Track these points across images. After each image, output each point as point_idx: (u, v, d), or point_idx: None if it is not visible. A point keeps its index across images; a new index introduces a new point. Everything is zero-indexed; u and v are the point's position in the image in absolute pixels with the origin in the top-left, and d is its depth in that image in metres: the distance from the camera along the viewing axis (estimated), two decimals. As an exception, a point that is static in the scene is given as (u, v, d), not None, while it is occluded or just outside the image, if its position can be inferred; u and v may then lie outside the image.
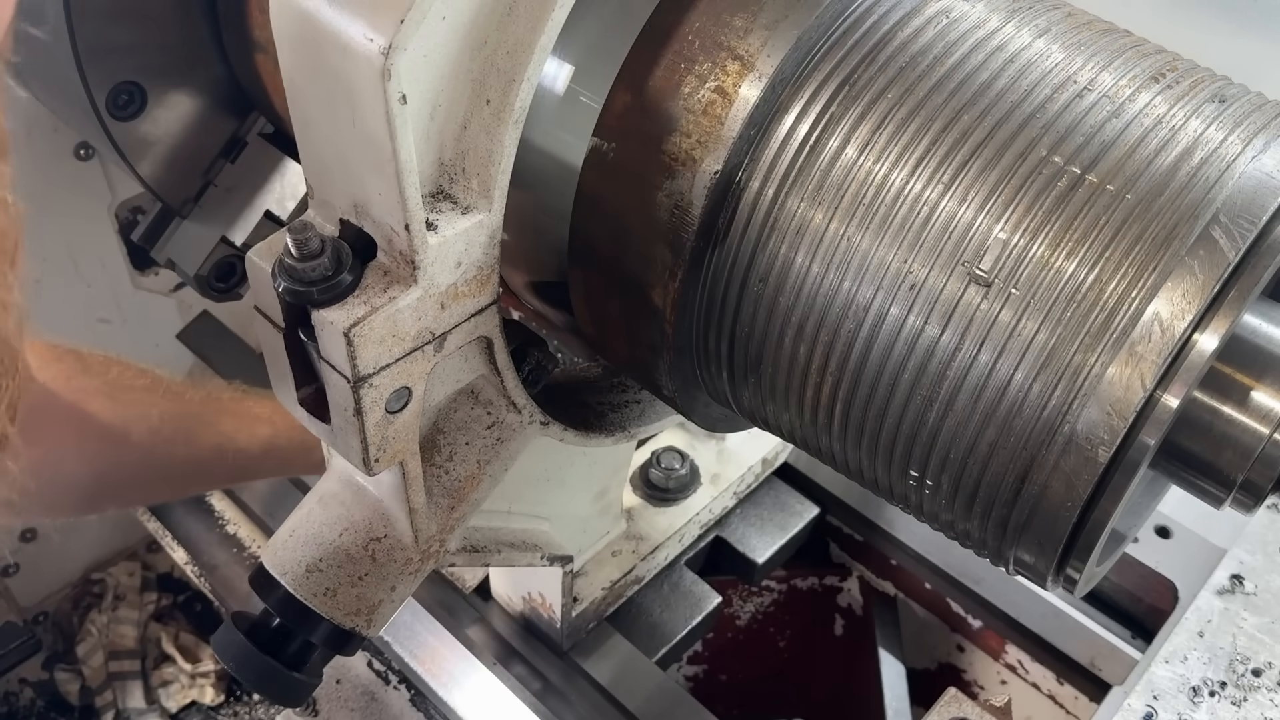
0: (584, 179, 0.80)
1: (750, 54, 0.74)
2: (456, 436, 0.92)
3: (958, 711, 1.03)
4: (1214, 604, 1.16)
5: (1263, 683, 1.10)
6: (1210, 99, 0.72)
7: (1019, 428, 0.69)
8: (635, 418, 1.07)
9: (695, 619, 1.39)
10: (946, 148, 0.71)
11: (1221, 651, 1.12)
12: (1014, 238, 0.69)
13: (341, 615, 0.93)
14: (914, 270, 0.71)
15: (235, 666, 0.93)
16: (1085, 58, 0.74)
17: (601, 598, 1.33)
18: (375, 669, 1.36)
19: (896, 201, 0.72)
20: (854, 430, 0.78)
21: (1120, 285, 0.66)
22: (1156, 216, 0.67)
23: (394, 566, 0.94)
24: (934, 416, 0.72)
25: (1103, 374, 0.66)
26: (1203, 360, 0.65)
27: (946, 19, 0.76)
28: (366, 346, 0.74)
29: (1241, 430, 0.72)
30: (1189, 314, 0.64)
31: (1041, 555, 0.73)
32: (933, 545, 1.48)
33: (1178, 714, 1.08)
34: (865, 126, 0.73)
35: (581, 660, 1.33)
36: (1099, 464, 0.67)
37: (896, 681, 1.45)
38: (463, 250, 0.77)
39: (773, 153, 0.75)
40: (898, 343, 0.72)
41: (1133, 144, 0.69)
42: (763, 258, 0.76)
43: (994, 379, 0.69)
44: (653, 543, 1.37)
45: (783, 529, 1.49)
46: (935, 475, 0.75)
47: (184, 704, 2.04)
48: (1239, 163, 0.68)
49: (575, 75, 0.80)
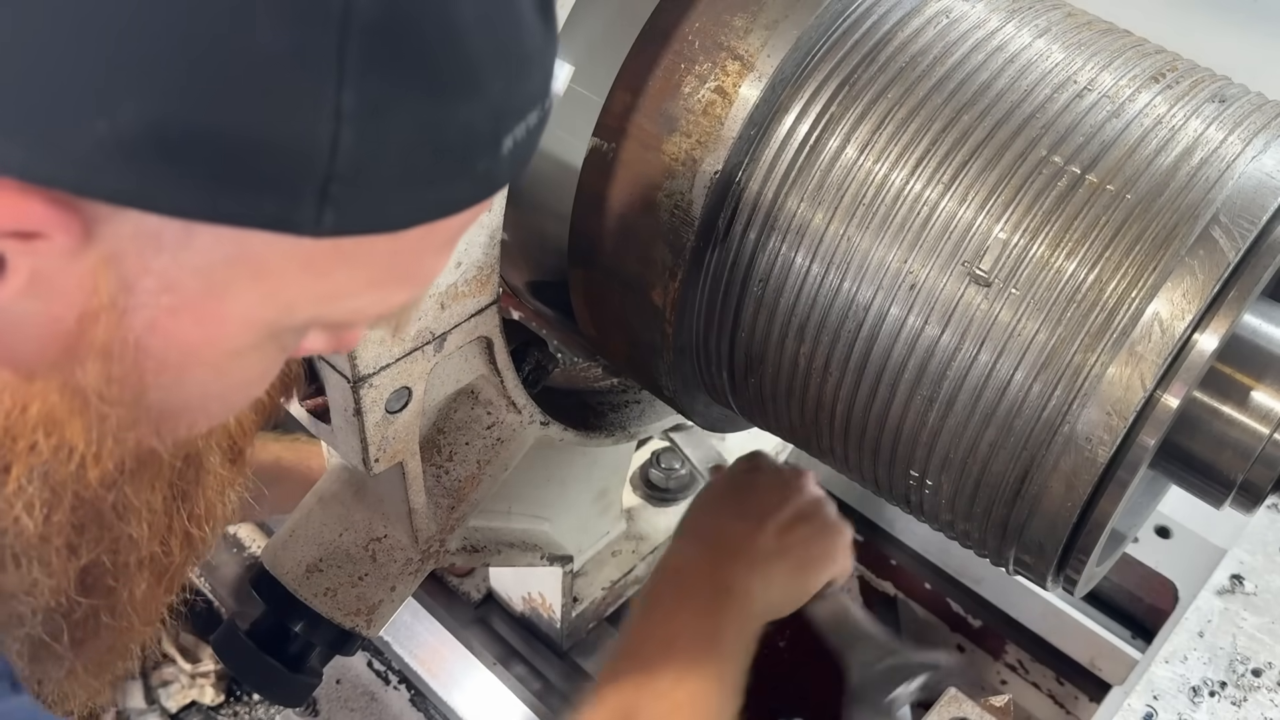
0: (584, 179, 0.80)
1: (750, 54, 0.74)
2: (456, 436, 0.92)
3: (958, 711, 1.03)
4: (1214, 604, 1.16)
5: (1263, 683, 1.10)
6: (1210, 99, 0.72)
7: (1019, 428, 0.69)
8: (635, 418, 1.07)
9: (695, 619, 1.39)
10: (946, 148, 0.71)
11: (1221, 651, 1.12)
12: (1014, 238, 0.69)
13: (342, 615, 0.93)
14: (914, 270, 0.71)
15: (236, 667, 0.93)
16: (1085, 58, 0.74)
17: (601, 598, 1.33)
18: (375, 669, 1.35)
19: (896, 201, 0.72)
20: (854, 430, 0.78)
21: (1120, 285, 0.66)
22: (1156, 216, 0.67)
23: (394, 566, 0.94)
24: (934, 416, 0.72)
25: (1103, 374, 0.66)
26: (1203, 360, 0.65)
27: (946, 19, 0.76)
28: (366, 346, 0.74)
29: (1241, 430, 0.72)
30: (1189, 314, 0.64)
31: (1041, 555, 0.73)
32: (933, 545, 1.48)
33: (1178, 714, 1.07)
34: (865, 126, 0.73)
35: (581, 660, 1.33)
36: (1099, 464, 0.67)
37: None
38: (463, 250, 0.77)
39: (773, 153, 0.75)
40: (898, 343, 0.72)
41: (1133, 144, 0.69)
42: (763, 258, 0.76)
43: (994, 379, 0.69)
44: (653, 543, 1.37)
45: (783, 529, 1.49)
46: (935, 475, 0.75)
47: (184, 704, 2.04)
48: (1239, 163, 0.68)
49: (575, 75, 0.80)
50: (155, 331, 0.46)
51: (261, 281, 0.46)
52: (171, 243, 0.43)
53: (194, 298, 0.46)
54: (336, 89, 0.40)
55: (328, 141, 0.41)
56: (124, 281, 0.44)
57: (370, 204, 0.44)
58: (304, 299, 0.48)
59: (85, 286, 0.44)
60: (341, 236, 0.44)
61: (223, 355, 0.49)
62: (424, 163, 0.44)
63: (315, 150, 0.41)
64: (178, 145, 0.39)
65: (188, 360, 0.49)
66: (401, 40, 0.41)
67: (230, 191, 0.41)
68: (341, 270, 0.47)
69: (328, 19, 0.39)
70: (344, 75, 0.40)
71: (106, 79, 0.38)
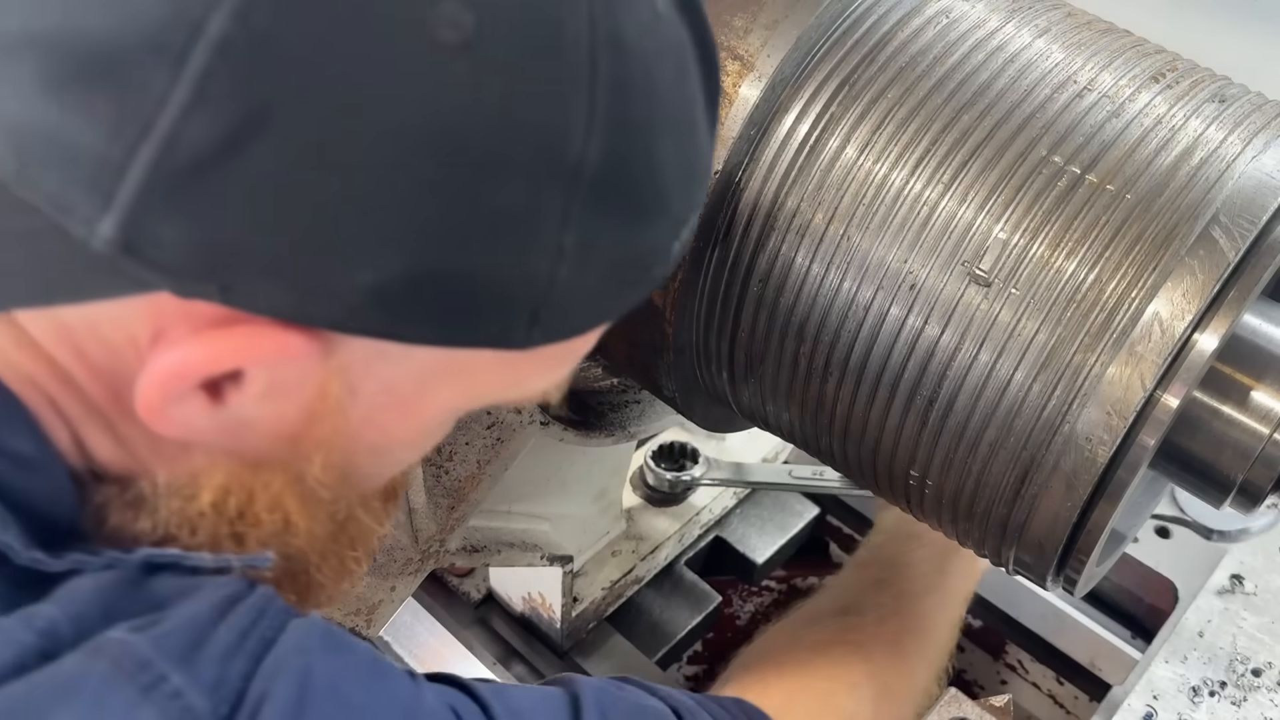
0: (584, 179, 0.80)
1: (750, 54, 0.74)
2: (456, 436, 0.92)
3: (958, 711, 1.03)
4: (1214, 604, 1.16)
5: (1263, 683, 1.10)
6: (1210, 99, 0.72)
7: (1019, 428, 0.69)
8: (635, 418, 1.07)
9: (695, 619, 1.39)
10: (946, 148, 0.71)
11: (1221, 651, 1.12)
12: (1014, 238, 0.69)
13: (342, 615, 0.93)
14: (914, 270, 0.71)
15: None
16: (1085, 58, 0.74)
17: (601, 598, 1.33)
18: (375, 669, 1.35)
19: (896, 201, 0.72)
20: (854, 430, 0.78)
21: (1120, 285, 0.66)
22: (1156, 216, 0.67)
23: (394, 566, 0.94)
24: (934, 416, 0.72)
25: (1103, 374, 0.66)
26: (1203, 360, 0.65)
27: (946, 19, 0.76)
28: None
29: (1241, 430, 0.72)
30: (1189, 314, 0.64)
31: (1041, 555, 0.73)
32: (933, 545, 1.48)
33: (1178, 714, 1.08)
34: (865, 126, 0.73)
35: (581, 660, 1.33)
36: (1099, 464, 0.67)
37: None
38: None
39: (772, 152, 0.75)
40: (898, 343, 0.72)
41: (1133, 144, 0.69)
42: (762, 258, 0.76)
43: (994, 379, 0.69)
44: (653, 543, 1.37)
45: (783, 529, 1.49)
46: (935, 475, 0.75)
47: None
48: (1239, 163, 0.68)
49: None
50: (368, 423, 0.53)
51: (463, 380, 0.53)
52: (395, 356, 0.49)
53: (406, 397, 0.52)
54: (560, 232, 0.46)
55: (546, 276, 0.47)
56: (350, 387, 0.50)
57: (569, 319, 0.50)
58: (494, 390, 0.56)
59: (316, 393, 0.49)
60: (542, 347, 0.50)
61: (417, 435, 0.57)
62: (617, 278, 0.50)
63: (535, 284, 0.47)
64: (425, 288, 0.45)
65: (389, 442, 0.56)
66: (617, 185, 0.47)
67: (460, 322, 0.47)
68: (529, 366, 0.54)
69: (562, 174, 0.45)
70: (568, 220, 0.46)
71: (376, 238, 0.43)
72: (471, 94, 0.43)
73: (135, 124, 0.41)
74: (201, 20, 0.40)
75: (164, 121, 0.40)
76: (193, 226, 0.42)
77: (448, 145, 0.43)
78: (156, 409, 0.47)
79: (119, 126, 0.41)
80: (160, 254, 0.42)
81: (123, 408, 0.50)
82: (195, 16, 0.40)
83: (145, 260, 0.42)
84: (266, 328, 0.45)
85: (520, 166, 0.44)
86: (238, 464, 0.53)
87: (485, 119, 0.43)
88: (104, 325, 0.48)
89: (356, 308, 0.44)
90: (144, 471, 0.54)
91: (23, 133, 0.42)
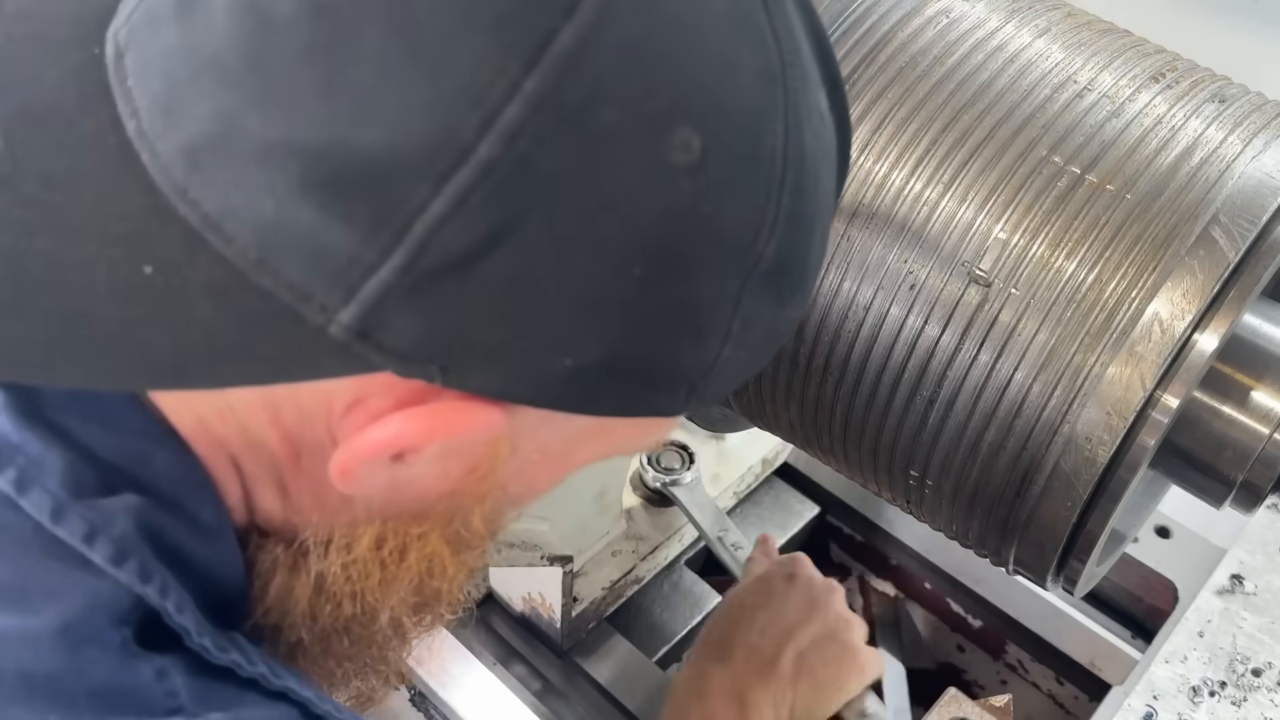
0: (584, 179, 0.80)
1: (750, 54, 0.73)
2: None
3: (958, 711, 1.03)
4: (1214, 604, 1.16)
5: (1263, 683, 1.10)
6: (1210, 99, 0.72)
7: (1019, 428, 0.69)
8: (635, 418, 1.07)
9: (695, 619, 1.39)
10: (946, 148, 0.71)
11: (1221, 651, 1.12)
12: (1014, 238, 0.69)
13: (341, 615, 0.93)
14: (914, 270, 0.71)
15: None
16: (1085, 58, 0.74)
17: (601, 598, 1.32)
18: (375, 669, 1.35)
19: (896, 201, 0.72)
20: (854, 430, 0.78)
21: (1120, 285, 0.66)
22: (1156, 216, 0.67)
23: (394, 566, 0.94)
24: (934, 417, 0.72)
25: (1103, 374, 0.66)
26: (1203, 360, 0.65)
27: (946, 19, 0.76)
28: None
29: (1241, 430, 0.72)
30: (1189, 314, 0.64)
31: (1041, 555, 0.73)
32: (933, 545, 1.48)
33: (1178, 714, 1.07)
34: (865, 126, 0.73)
35: (581, 660, 1.33)
36: (1099, 464, 0.67)
37: (897, 681, 1.45)
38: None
39: (773, 153, 0.75)
40: (898, 343, 0.72)
41: (1133, 144, 0.69)
42: (763, 258, 0.76)
43: (994, 379, 0.69)
44: (653, 543, 1.37)
45: (783, 529, 1.49)
46: (935, 475, 0.75)
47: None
48: (1239, 163, 0.68)
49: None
50: (517, 478, 0.56)
51: (605, 440, 0.57)
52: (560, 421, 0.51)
53: (554, 454, 0.56)
54: (731, 318, 0.49)
55: (714, 356, 0.50)
56: (513, 447, 0.53)
57: (719, 388, 0.53)
58: (625, 445, 0.60)
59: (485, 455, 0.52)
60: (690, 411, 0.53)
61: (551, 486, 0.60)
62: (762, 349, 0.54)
63: (704, 363, 0.50)
64: (614, 370, 0.48)
65: (530, 494, 0.60)
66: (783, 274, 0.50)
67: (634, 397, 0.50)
68: (661, 425, 0.59)
69: (743, 270, 0.48)
70: (739, 308, 0.49)
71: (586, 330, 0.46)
72: (690, 207, 0.45)
73: (391, 230, 0.42)
74: (471, 147, 0.41)
75: (419, 229, 0.42)
76: (429, 319, 0.44)
77: (661, 249, 0.45)
78: (351, 473, 0.50)
79: (374, 230, 0.42)
80: (393, 341, 0.44)
81: (299, 466, 0.53)
82: (466, 143, 0.41)
83: (376, 345, 0.44)
84: (470, 403, 0.47)
85: (715, 266, 0.47)
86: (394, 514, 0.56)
87: (696, 227, 0.46)
88: (306, 394, 0.50)
89: (554, 388, 0.47)
90: (304, 523, 0.57)
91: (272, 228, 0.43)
